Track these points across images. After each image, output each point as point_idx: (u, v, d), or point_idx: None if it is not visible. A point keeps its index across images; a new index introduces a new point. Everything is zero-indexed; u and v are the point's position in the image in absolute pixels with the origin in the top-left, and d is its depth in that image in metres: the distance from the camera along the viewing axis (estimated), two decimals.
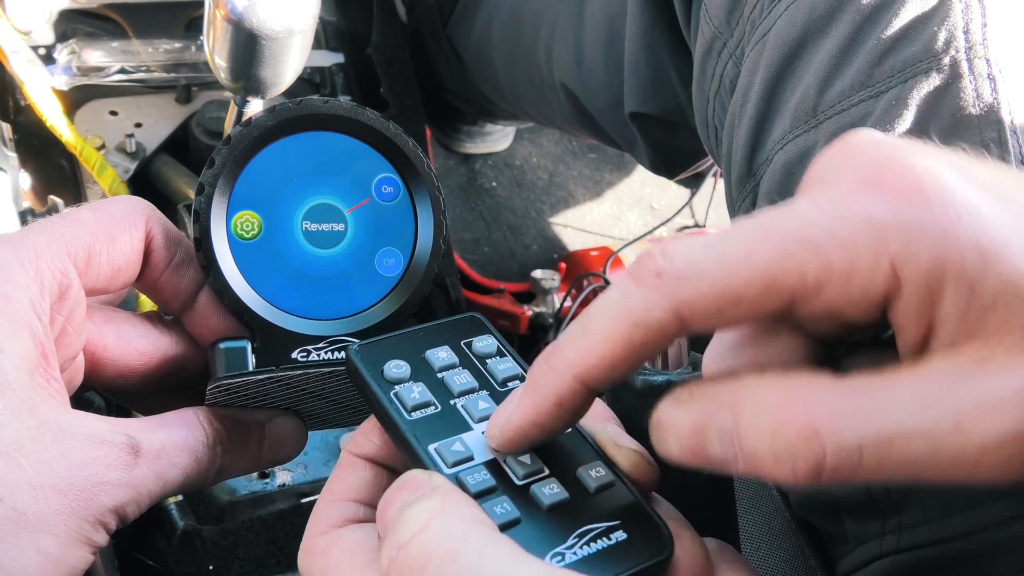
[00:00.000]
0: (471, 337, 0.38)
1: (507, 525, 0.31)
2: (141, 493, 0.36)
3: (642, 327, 0.28)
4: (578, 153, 1.49)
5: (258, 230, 0.41)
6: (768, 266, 0.27)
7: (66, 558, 0.35)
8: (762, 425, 0.27)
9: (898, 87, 0.49)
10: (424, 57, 1.17)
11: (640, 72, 0.75)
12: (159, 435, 0.37)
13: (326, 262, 0.42)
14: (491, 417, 0.33)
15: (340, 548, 0.33)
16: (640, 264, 0.29)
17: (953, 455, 0.26)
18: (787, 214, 0.28)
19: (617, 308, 0.29)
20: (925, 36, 0.48)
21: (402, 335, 0.37)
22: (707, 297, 0.28)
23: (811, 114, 0.52)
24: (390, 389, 0.34)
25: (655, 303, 0.28)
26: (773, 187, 0.54)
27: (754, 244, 0.27)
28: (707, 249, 0.28)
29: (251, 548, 0.70)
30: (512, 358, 0.37)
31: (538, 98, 0.98)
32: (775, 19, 0.55)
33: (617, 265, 1.24)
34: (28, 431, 0.34)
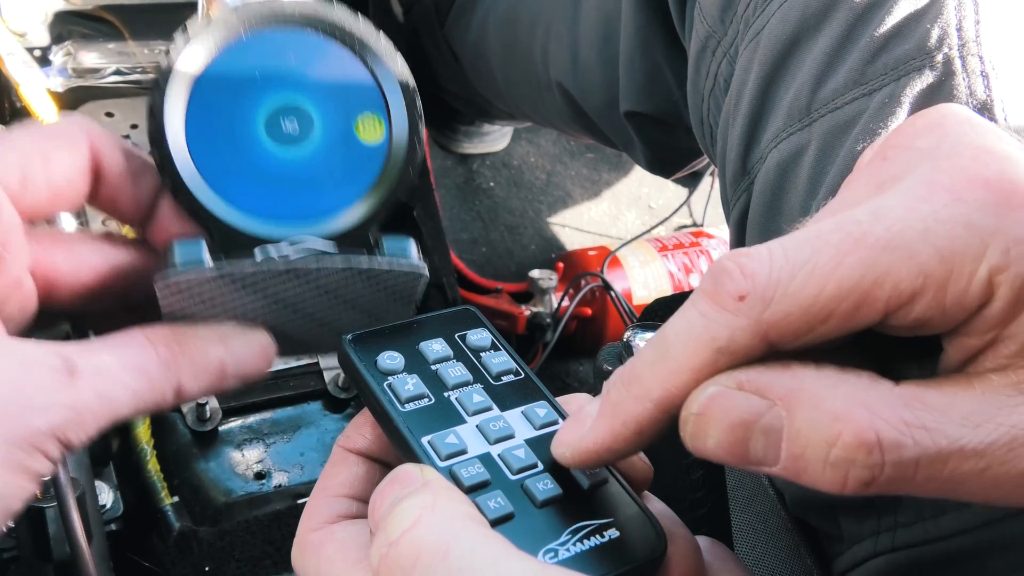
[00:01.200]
0: (465, 330, 0.37)
1: (500, 520, 0.30)
2: (82, 414, 0.34)
3: (727, 354, 0.27)
4: (576, 153, 1.49)
5: (219, 128, 0.39)
6: (860, 279, 0.25)
7: (1, 487, 0.32)
8: (821, 429, 0.25)
9: (891, 85, 0.49)
10: (421, 57, 1.17)
11: (635, 71, 0.75)
12: (100, 354, 0.35)
13: (293, 162, 0.40)
14: (560, 432, 0.32)
15: (333, 544, 0.33)
16: (718, 284, 0.27)
17: (1001, 475, 0.25)
18: (874, 217, 0.26)
19: (698, 334, 0.27)
20: (918, 34, 0.48)
21: (396, 327, 0.36)
22: (795, 318, 0.26)
23: (804, 112, 0.52)
24: (384, 380, 0.34)
25: (740, 328, 0.26)
26: (767, 185, 0.54)
27: (842, 254, 0.26)
28: (790, 264, 0.26)
29: (247, 549, 0.70)
30: (506, 352, 0.37)
31: (535, 98, 0.98)
32: (768, 17, 0.55)
33: (615, 265, 1.24)
34: None
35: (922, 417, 0.25)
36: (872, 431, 0.25)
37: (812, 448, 0.26)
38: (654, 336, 0.29)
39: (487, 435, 0.33)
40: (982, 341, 0.26)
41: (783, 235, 0.52)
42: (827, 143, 0.51)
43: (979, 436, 0.25)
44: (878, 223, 0.26)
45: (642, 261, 1.26)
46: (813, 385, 0.26)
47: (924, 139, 0.29)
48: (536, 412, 0.35)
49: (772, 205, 0.54)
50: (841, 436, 0.25)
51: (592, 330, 1.24)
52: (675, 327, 0.28)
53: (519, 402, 0.35)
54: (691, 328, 0.27)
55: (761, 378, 0.27)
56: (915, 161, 0.28)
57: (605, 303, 1.21)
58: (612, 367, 0.41)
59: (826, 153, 0.51)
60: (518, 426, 0.34)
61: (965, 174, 0.26)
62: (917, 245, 0.25)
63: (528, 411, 0.35)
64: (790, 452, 0.26)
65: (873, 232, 0.26)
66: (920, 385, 0.26)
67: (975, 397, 0.26)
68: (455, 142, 1.37)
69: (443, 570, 0.26)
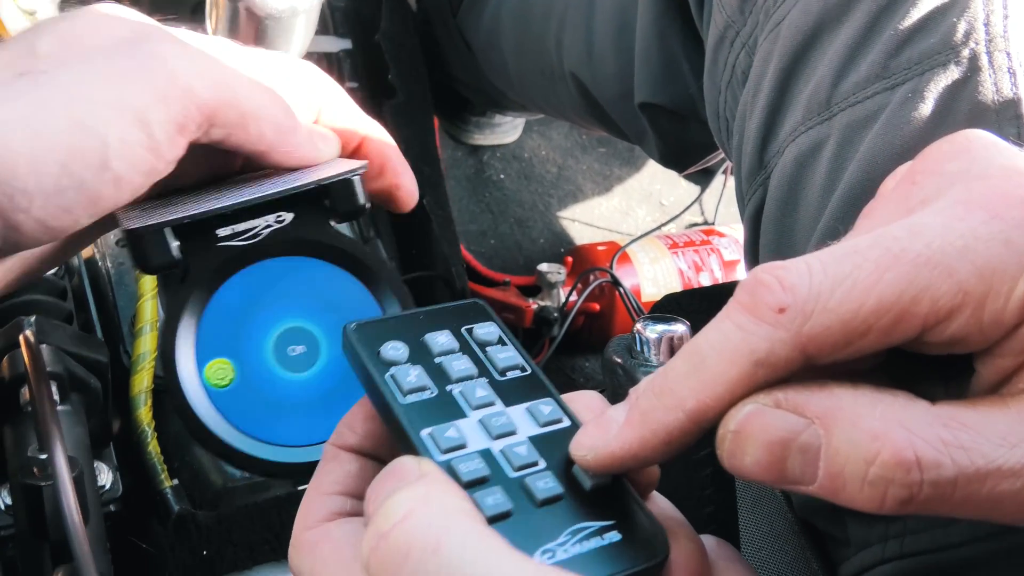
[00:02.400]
0: (472, 323, 0.36)
1: (497, 517, 0.29)
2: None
3: (765, 366, 0.27)
4: (587, 147, 1.48)
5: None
6: (900, 295, 0.25)
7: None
8: (859, 447, 0.25)
9: (915, 79, 0.48)
10: (433, 46, 1.16)
11: (651, 62, 0.74)
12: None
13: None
14: (581, 434, 0.31)
15: (328, 543, 0.32)
16: (756, 296, 0.27)
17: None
18: (912, 234, 0.26)
19: (736, 345, 0.27)
20: (944, 28, 0.47)
21: (402, 317, 0.36)
22: (835, 331, 0.26)
23: (824, 106, 0.51)
24: (385, 370, 0.33)
25: (780, 341, 0.26)
26: (784, 180, 0.53)
27: (881, 270, 0.26)
28: (830, 277, 0.26)
29: (245, 534, 0.70)
30: (513, 347, 0.36)
31: (548, 88, 0.97)
32: (789, 8, 0.54)
33: (624, 261, 1.23)
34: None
35: (960, 437, 0.25)
36: (911, 450, 0.25)
37: (850, 466, 0.26)
38: (687, 347, 0.28)
39: (489, 430, 0.32)
40: (1016, 361, 0.26)
41: (799, 233, 0.52)
42: (847, 137, 0.50)
43: (1016, 456, 0.25)
44: (917, 240, 0.26)
45: (652, 258, 1.25)
46: (851, 404, 0.26)
47: (953, 163, 0.29)
48: (541, 409, 0.34)
49: (788, 200, 0.53)
50: (880, 455, 0.25)
51: (600, 326, 1.23)
52: (710, 339, 0.28)
53: (524, 398, 0.34)
54: (728, 340, 0.27)
55: (799, 396, 0.27)
56: (946, 184, 0.28)
57: (613, 299, 1.20)
58: (621, 359, 0.40)
59: (846, 148, 0.50)
60: (521, 423, 0.33)
61: (1000, 193, 0.26)
62: (956, 262, 0.25)
63: (533, 408, 0.34)
64: (828, 470, 0.26)
65: (912, 248, 0.26)
66: (956, 405, 0.26)
67: (1011, 417, 0.26)
68: (466, 133, 1.36)
69: (434, 565, 0.26)
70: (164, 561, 0.70)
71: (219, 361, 0.40)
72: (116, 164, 0.36)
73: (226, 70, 0.40)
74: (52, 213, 0.36)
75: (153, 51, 0.39)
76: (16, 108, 0.35)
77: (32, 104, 0.36)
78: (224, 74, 0.40)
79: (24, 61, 0.37)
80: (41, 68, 0.37)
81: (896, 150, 0.47)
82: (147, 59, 0.38)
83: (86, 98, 0.36)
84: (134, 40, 0.39)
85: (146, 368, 0.75)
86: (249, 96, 0.41)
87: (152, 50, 0.39)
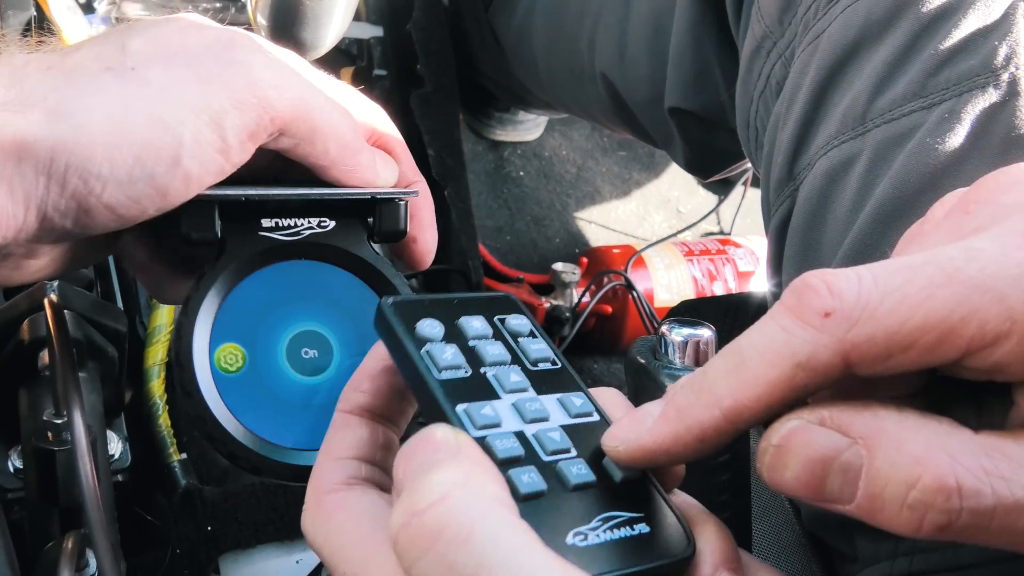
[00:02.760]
0: (505, 314, 0.37)
1: (531, 496, 0.30)
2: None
3: (806, 369, 0.27)
4: (608, 150, 1.48)
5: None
6: (948, 314, 0.25)
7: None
8: (901, 470, 0.26)
9: (952, 100, 0.47)
10: (462, 39, 1.16)
11: (684, 67, 0.74)
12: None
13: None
14: (615, 427, 0.31)
15: (344, 512, 0.32)
16: (803, 299, 0.27)
17: None
18: (967, 257, 0.26)
19: (779, 347, 0.27)
20: (985, 50, 0.47)
21: (437, 299, 0.36)
22: (879, 342, 0.26)
23: (859, 121, 0.51)
24: (421, 346, 0.33)
25: (823, 345, 0.26)
26: (813, 193, 0.53)
27: (933, 287, 0.26)
28: (880, 288, 0.26)
29: (251, 512, 0.70)
30: (544, 340, 0.36)
31: (576, 88, 0.97)
32: (830, 21, 0.54)
33: (639, 265, 1.23)
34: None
35: (1001, 467, 0.25)
36: (952, 476, 0.25)
37: (891, 489, 0.26)
38: (728, 346, 0.28)
39: (522, 413, 0.33)
40: None
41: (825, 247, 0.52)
42: (880, 154, 0.50)
43: None
44: (972, 263, 0.26)
45: (667, 264, 1.25)
46: (895, 427, 0.26)
47: (1008, 195, 0.29)
48: (572, 401, 0.34)
49: (816, 213, 0.53)
50: (921, 479, 0.25)
51: (611, 328, 1.23)
52: (752, 339, 0.28)
53: (555, 389, 0.35)
54: (771, 341, 0.27)
55: (843, 415, 0.27)
56: (1001, 214, 0.28)
57: (626, 302, 1.20)
58: (645, 360, 0.40)
59: (878, 164, 0.50)
60: (553, 411, 0.33)
61: None
62: (1009, 289, 0.25)
63: (564, 399, 0.34)
64: (867, 491, 0.26)
65: (966, 270, 0.26)
66: (999, 436, 0.26)
67: None
68: (488, 128, 1.36)
69: (464, 554, 0.26)
70: (168, 534, 0.70)
71: (231, 346, 0.41)
72: (187, 162, 0.38)
73: (303, 84, 0.42)
74: (122, 201, 0.38)
75: (235, 58, 0.40)
76: (100, 100, 0.37)
77: (115, 98, 0.37)
78: (301, 88, 0.42)
79: (113, 57, 0.39)
80: (129, 65, 0.38)
81: (929, 169, 0.47)
82: (229, 65, 0.40)
83: (167, 97, 0.38)
84: (219, 46, 0.40)
85: (161, 341, 0.75)
86: (321, 112, 0.42)
87: (235, 57, 0.40)
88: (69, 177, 0.36)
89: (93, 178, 0.37)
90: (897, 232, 0.47)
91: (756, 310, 0.74)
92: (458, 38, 1.15)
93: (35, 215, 0.37)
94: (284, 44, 0.60)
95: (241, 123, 0.39)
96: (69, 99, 0.36)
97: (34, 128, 0.35)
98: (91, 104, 0.37)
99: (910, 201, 0.48)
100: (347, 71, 1.01)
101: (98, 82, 0.37)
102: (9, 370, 0.57)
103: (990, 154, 0.46)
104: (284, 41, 0.60)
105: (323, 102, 0.43)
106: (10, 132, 0.35)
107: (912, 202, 0.48)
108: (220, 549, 0.69)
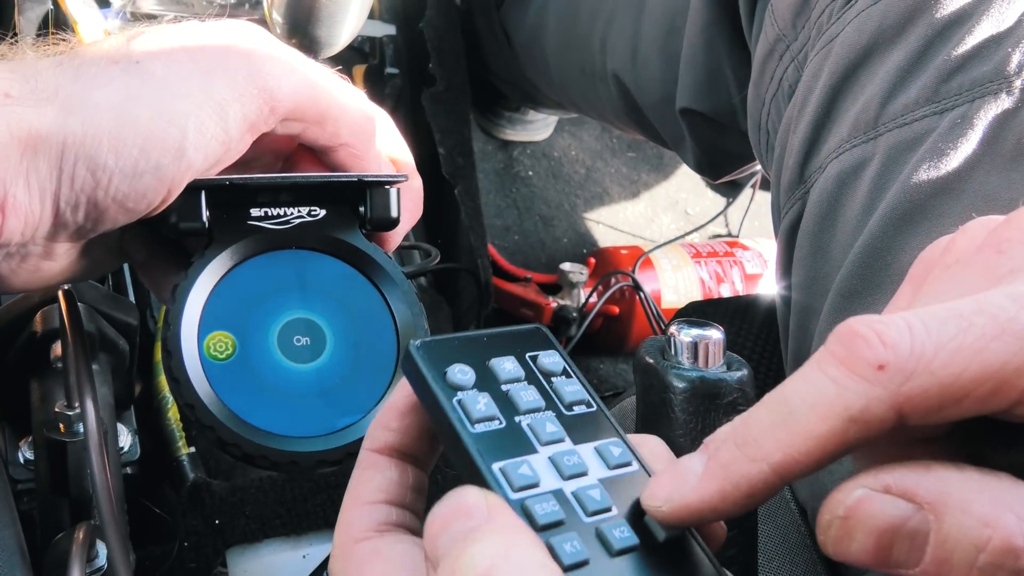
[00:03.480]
0: (537, 351, 0.35)
1: (575, 566, 0.28)
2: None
3: (859, 423, 0.26)
4: (617, 151, 1.48)
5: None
6: (1003, 365, 0.25)
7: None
8: (970, 534, 0.25)
9: (965, 106, 0.48)
10: (473, 38, 1.16)
11: (696, 68, 0.74)
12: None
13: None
14: (655, 484, 0.30)
15: (379, 562, 0.31)
16: (854, 350, 0.26)
17: None
18: (1019, 306, 0.26)
19: (830, 399, 0.26)
20: (998, 57, 0.47)
21: (465, 338, 0.34)
22: (933, 394, 0.25)
23: (871, 125, 0.51)
24: (453, 395, 0.32)
25: (877, 399, 0.26)
26: (824, 196, 0.53)
27: (987, 338, 0.25)
28: (933, 338, 0.26)
29: (258, 507, 0.70)
30: (578, 380, 0.35)
31: (587, 88, 0.97)
32: (844, 25, 0.54)
33: (647, 266, 1.23)
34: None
35: None
36: (1021, 537, 0.25)
37: (960, 553, 0.25)
38: (771, 396, 0.28)
39: (561, 470, 0.31)
40: None
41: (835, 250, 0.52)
42: (891, 158, 0.50)
43: None
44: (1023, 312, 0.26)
45: (674, 265, 1.25)
46: (959, 488, 0.26)
47: None
48: (611, 451, 0.32)
49: (827, 216, 0.53)
50: (991, 541, 0.25)
51: (617, 329, 1.23)
52: (799, 390, 0.27)
53: (592, 436, 0.33)
54: (821, 394, 0.26)
55: (907, 480, 0.26)
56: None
57: (633, 303, 1.20)
58: (654, 360, 0.40)
59: (889, 168, 0.50)
60: (592, 463, 0.32)
61: None
62: None
63: (602, 448, 0.33)
64: (936, 556, 0.26)
65: (1019, 320, 0.25)
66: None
67: None
68: (498, 127, 1.36)
69: None
70: (176, 527, 0.70)
71: (221, 334, 0.41)
72: (192, 153, 0.39)
73: (309, 70, 0.42)
74: (128, 194, 0.38)
75: (237, 49, 0.41)
76: (106, 92, 0.37)
77: (121, 90, 0.38)
78: (305, 74, 0.42)
79: (119, 51, 0.40)
80: (134, 58, 0.39)
81: (940, 175, 0.47)
82: (230, 57, 0.40)
83: (172, 89, 0.38)
84: (221, 38, 0.41)
85: None
86: (330, 95, 0.42)
87: (237, 48, 0.41)
88: (78, 170, 0.37)
89: (100, 170, 0.37)
90: (907, 237, 0.48)
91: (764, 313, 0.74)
92: (470, 37, 1.15)
93: (50, 209, 0.38)
94: (299, 41, 0.61)
95: (242, 114, 0.39)
96: (78, 93, 0.37)
97: (47, 123, 0.36)
98: (98, 98, 0.37)
99: (921, 206, 0.48)
100: (359, 69, 1.01)
101: (105, 75, 0.38)
102: (21, 361, 0.58)
103: (1001, 160, 0.46)
104: (299, 38, 0.60)
105: (331, 85, 0.43)
106: (26, 127, 0.36)
107: (923, 207, 0.48)
108: (227, 542, 0.70)
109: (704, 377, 0.39)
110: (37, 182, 0.37)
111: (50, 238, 0.40)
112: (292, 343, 0.42)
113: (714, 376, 0.39)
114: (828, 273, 0.53)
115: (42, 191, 0.37)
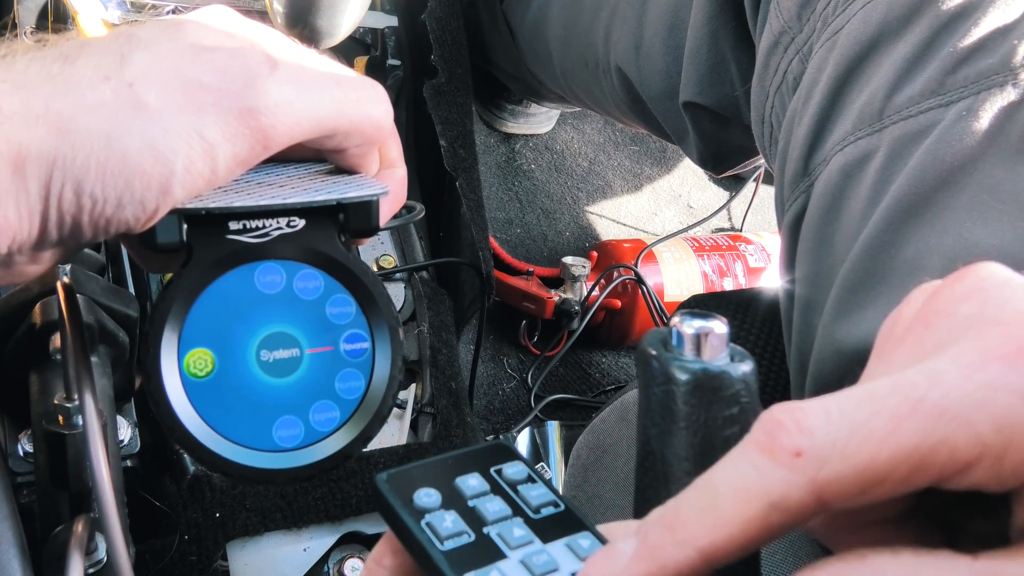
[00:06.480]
0: (501, 464, 0.36)
1: None
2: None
3: (780, 509, 0.26)
4: (620, 144, 1.47)
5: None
6: (917, 445, 0.25)
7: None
8: None
9: (970, 98, 0.47)
10: (476, 30, 1.16)
11: (700, 61, 0.74)
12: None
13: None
14: (589, 565, 0.30)
15: None
16: (774, 437, 0.26)
17: None
18: (931, 383, 0.26)
19: (751, 486, 0.26)
20: (1004, 49, 0.47)
21: (429, 463, 0.36)
22: (850, 480, 0.25)
23: (876, 117, 0.51)
24: (421, 518, 0.33)
25: (796, 485, 0.25)
26: (828, 188, 0.53)
27: (899, 419, 0.25)
28: (847, 423, 0.26)
29: (259, 499, 0.70)
30: (543, 484, 0.36)
31: (590, 81, 0.96)
32: (849, 17, 0.54)
33: (649, 259, 1.23)
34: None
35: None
36: None
37: None
38: (700, 480, 0.28)
39: (532, 569, 0.32)
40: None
41: (839, 243, 0.51)
42: (896, 151, 0.49)
43: None
44: (935, 389, 0.26)
45: (677, 258, 1.25)
46: (894, 574, 0.26)
47: (966, 305, 0.28)
48: (580, 544, 0.33)
49: (831, 209, 0.53)
50: None
51: (620, 323, 1.23)
52: (726, 475, 0.27)
53: (561, 534, 0.34)
54: (744, 479, 0.26)
55: (841, 569, 0.26)
56: (959, 328, 0.28)
57: (636, 297, 1.20)
58: (656, 351, 0.40)
59: (894, 161, 0.49)
60: (562, 558, 0.33)
61: (1015, 342, 0.26)
62: (975, 414, 0.25)
63: (571, 543, 0.33)
64: None
65: (930, 398, 0.25)
66: (998, 559, 0.25)
67: None
68: (500, 120, 1.36)
69: None
70: (176, 520, 0.70)
71: (200, 351, 0.41)
72: (177, 190, 0.38)
73: (311, 94, 0.41)
74: (111, 219, 0.38)
75: (232, 87, 0.39)
76: (97, 117, 0.37)
77: (112, 116, 0.37)
78: (307, 104, 0.41)
79: (112, 67, 0.39)
80: (127, 79, 0.38)
81: (945, 167, 0.47)
82: (224, 96, 0.39)
83: (163, 124, 0.38)
84: (218, 71, 0.40)
85: None
86: (338, 117, 0.42)
87: (233, 84, 0.39)
88: (65, 193, 0.37)
89: (85, 196, 0.37)
90: (912, 229, 0.47)
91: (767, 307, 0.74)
92: (472, 29, 1.15)
93: (37, 228, 0.38)
94: (300, 31, 0.60)
95: (232, 153, 0.39)
96: (68, 112, 0.37)
97: (36, 142, 0.36)
98: (89, 122, 0.37)
99: (926, 198, 0.47)
100: (361, 60, 1.01)
101: (95, 94, 0.37)
102: (20, 353, 0.58)
103: (1007, 152, 0.46)
104: (300, 28, 0.60)
105: (338, 99, 0.42)
106: (16, 145, 0.36)
107: (928, 199, 0.47)
108: (228, 535, 0.70)
109: (707, 369, 0.39)
110: (26, 201, 0.37)
111: (35, 250, 0.40)
112: (270, 357, 0.42)
113: (717, 368, 0.39)
114: (832, 266, 0.52)
115: (30, 210, 0.37)
